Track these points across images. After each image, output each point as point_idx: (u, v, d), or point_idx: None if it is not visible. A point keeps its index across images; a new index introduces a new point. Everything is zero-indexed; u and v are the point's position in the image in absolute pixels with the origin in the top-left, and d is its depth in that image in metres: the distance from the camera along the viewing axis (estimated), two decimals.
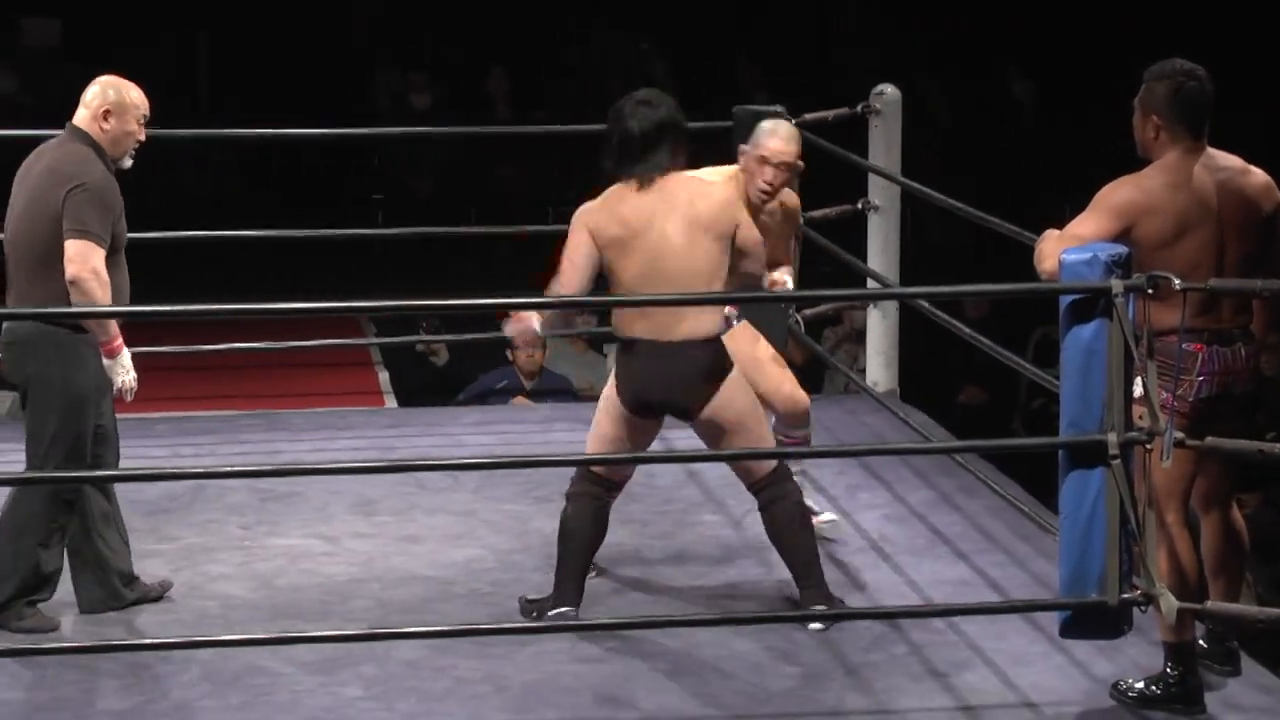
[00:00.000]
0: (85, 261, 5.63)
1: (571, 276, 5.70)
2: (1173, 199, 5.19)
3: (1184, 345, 5.16)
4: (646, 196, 5.69)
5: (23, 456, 5.86)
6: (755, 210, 6.15)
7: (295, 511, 7.00)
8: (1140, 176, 5.24)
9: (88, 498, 5.87)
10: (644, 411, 5.76)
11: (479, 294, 5.94)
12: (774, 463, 5.81)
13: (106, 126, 5.80)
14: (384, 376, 10.13)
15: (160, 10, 14.30)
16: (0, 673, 5.50)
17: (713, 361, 5.71)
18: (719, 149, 8.66)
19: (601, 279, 5.75)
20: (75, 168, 5.73)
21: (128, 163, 5.88)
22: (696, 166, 6.02)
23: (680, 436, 7.67)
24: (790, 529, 5.83)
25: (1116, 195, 5.21)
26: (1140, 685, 5.31)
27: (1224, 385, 5.24)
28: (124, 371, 5.74)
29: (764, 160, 6.24)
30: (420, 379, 10.21)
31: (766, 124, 6.37)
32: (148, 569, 6.29)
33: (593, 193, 5.82)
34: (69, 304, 5.64)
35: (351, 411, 8.78)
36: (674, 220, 5.65)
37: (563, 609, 5.77)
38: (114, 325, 5.69)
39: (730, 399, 5.73)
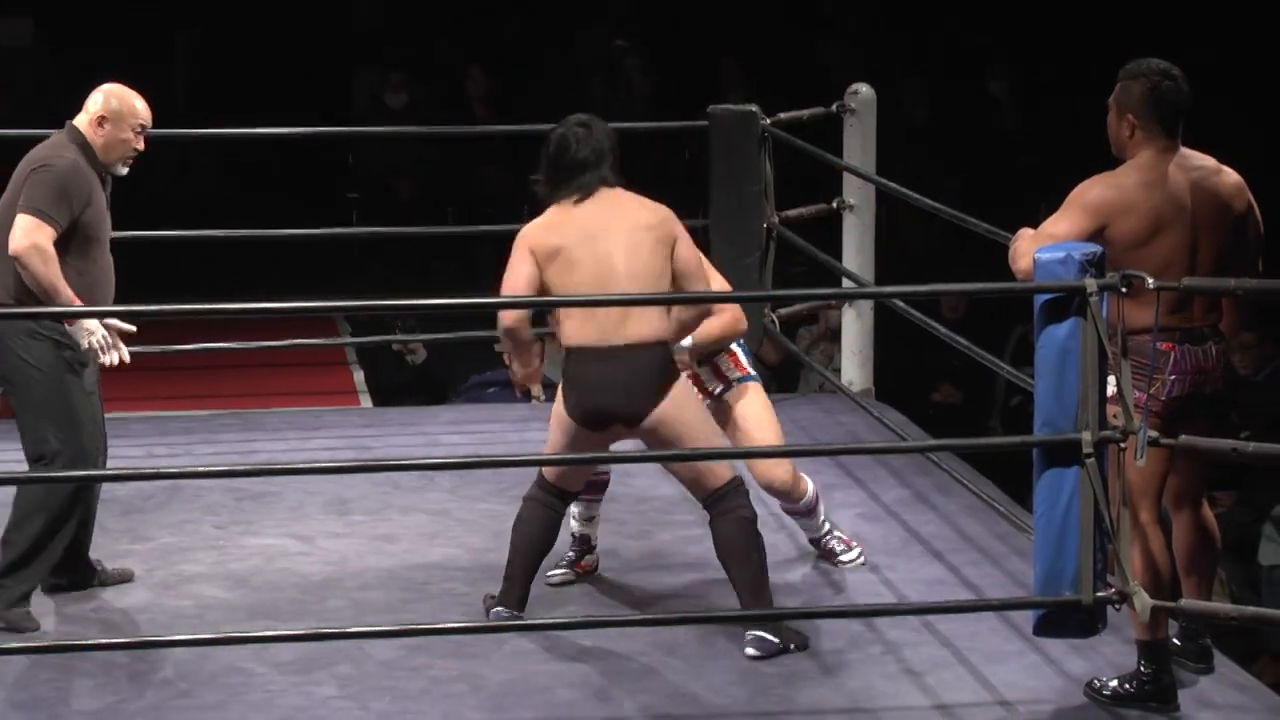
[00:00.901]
0: (29, 237, 5.66)
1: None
2: (1147, 198, 5.20)
3: (1156, 344, 5.17)
4: (587, 210, 5.67)
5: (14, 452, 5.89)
6: None
7: (270, 511, 7.00)
8: (1114, 175, 5.26)
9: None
10: (592, 423, 5.64)
11: (456, 294, 5.94)
12: (728, 476, 5.68)
13: (100, 131, 5.86)
14: (359, 376, 10.12)
15: (136, 9, 14.27)
16: None
17: (659, 365, 5.63)
18: (696, 148, 8.70)
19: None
20: (45, 151, 5.81)
21: (122, 170, 5.93)
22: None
23: None
24: (739, 548, 5.66)
25: (1090, 194, 5.22)
26: (1114, 683, 5.33)
27: (1195, 384, 5.26)
28: (87, 334, 5.77)
29: None
30: (397, 378, 10.21)
31: None
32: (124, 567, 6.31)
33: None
34: (17, 284, 5.70)
35: (327, 411, 8.77)
36: (617, 230, 5.63)
37: (499, 609, 5.79)
38: (65, 295, 5.66)
39: (679, 405, 5.64)
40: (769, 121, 8.11)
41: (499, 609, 5.79)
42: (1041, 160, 12.93)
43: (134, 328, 5.99)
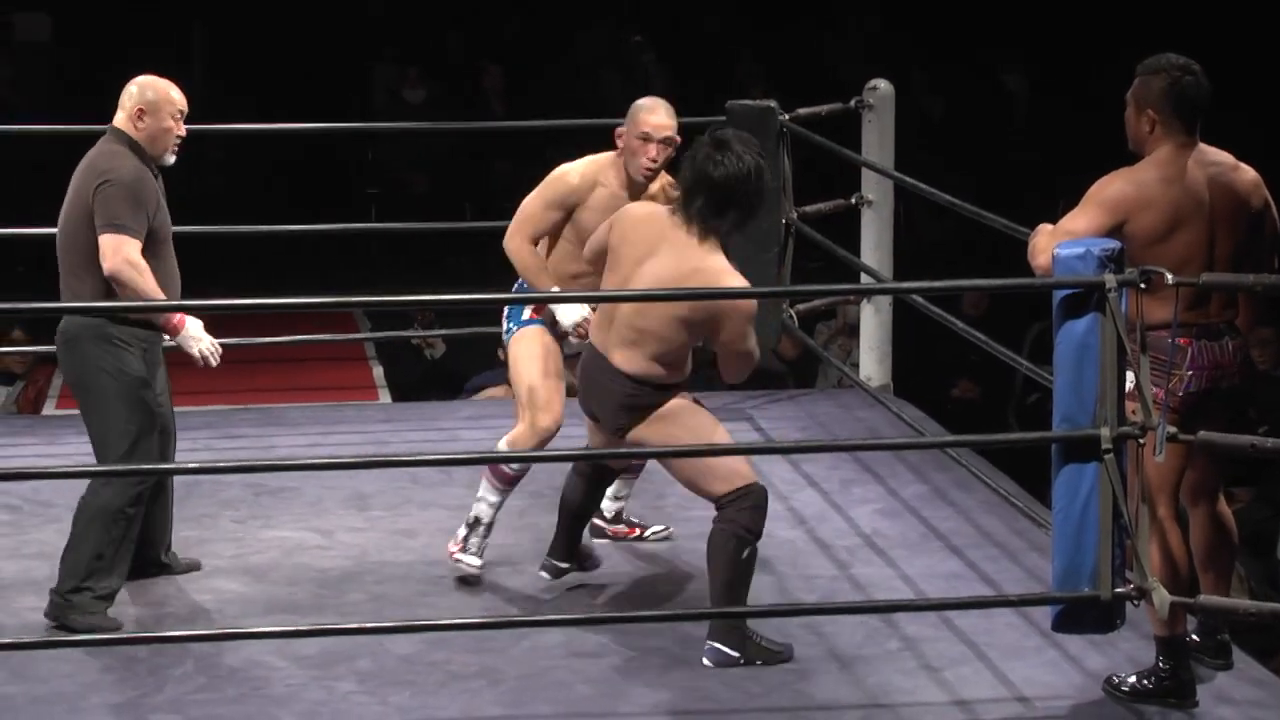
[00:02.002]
0: (119, 254, 5.68)
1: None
2: (1166, 193, 5.21)
3: (1174, 340, 5.18)
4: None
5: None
6: (639, 190, 6.17)
7: (290, 506, 7.02)
8: (1133, 171, 5.25)
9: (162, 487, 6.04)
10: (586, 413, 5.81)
11: (474, 289, 5.95)
12: (731, 485, 5.59)
13: (141, 125, 5.85)
14: (378, 371, 10.13)
15: (154, 4, 14.30)
16: None
17: (631, 398, 5.64)
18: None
19: None
20: (105, 162, 5.79)
21: (170, 159, 5.93)
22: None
23: None
24: (721, 554, 5.56)
25: (1110, 189, 5.22)
26: (1133, 679, 5.33)
27: (1212, 379, 5.26)
28: (195, 341, 5.83)
29: (646, 137, 6.17)
30: (415, 373, 10.22)
31: (644, 101, 6.29)
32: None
33: None
34: (110, 299, 5.73)
35: (346, 406, 8.79)
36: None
37: (546, 557, 6.03)
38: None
39: (664, 427, 5.64)
40: (787, 117, 8.11)
41: (547, 558, 6.02)
42: (1056, 156, 12.93)
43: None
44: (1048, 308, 5.18)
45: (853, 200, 8.38)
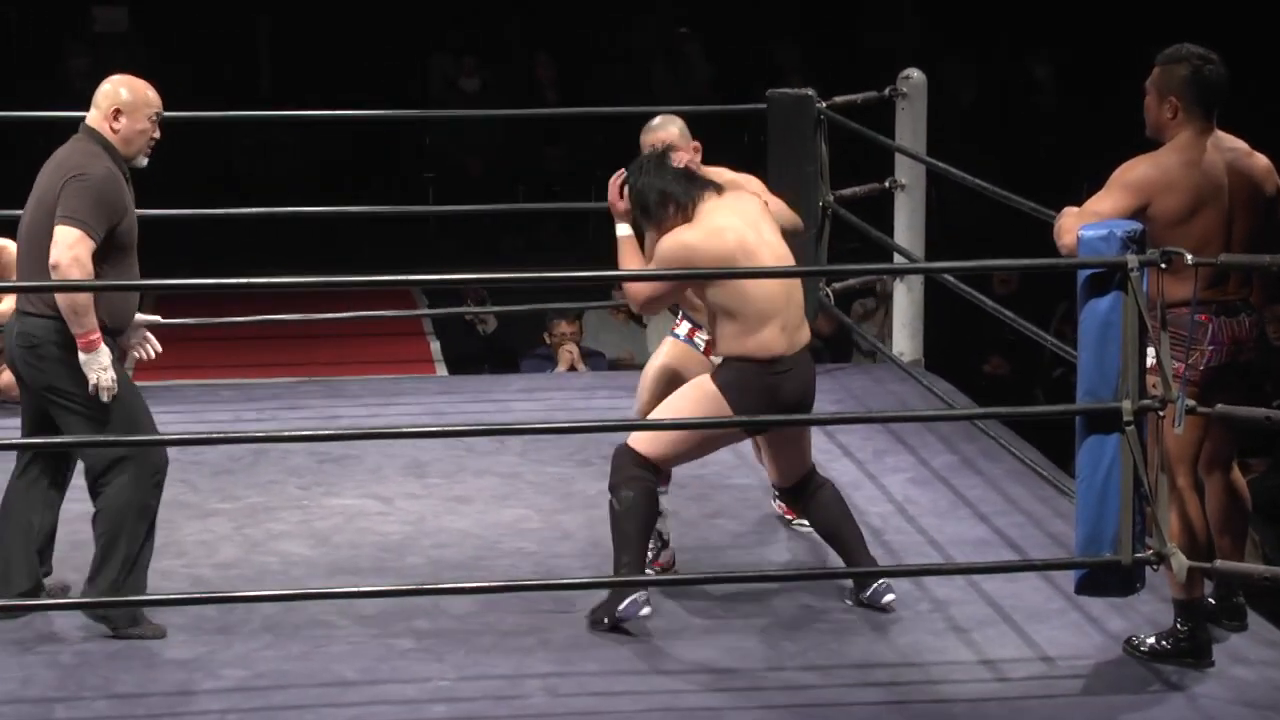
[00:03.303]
0: (70, 249, 5.26)
1: None
2: (1188, 177, 5.19)
3: (1194, 316, 5.16)
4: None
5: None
6: None
7: (351, 473, 7.04)
8: (1156, 155, 5.25)
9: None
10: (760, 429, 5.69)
11: (523, 268, 5.94)
12: (810, 464, 5.76)
13: (117, 126, 5.46)
14: (436, 346, 10.15)
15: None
16: (78, 625, 5.54)
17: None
18: (756, 131, 8.68)
19: None
20: (78, 159, 5.40)
21: (143, 161, 5.54)
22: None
23: None
24: (839, 512, 5.75)
25: (1134, 173, 5.21)
26: (1151, 640, 5.32)
27: (1231, 354, 5.25)
28: (99, 369, 5.32)
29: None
30: (469, 347, 10.25)
31: (646, 125, 6.13)
32: (211, 527, 6.35)
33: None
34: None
35: (404, 379, 8.80)
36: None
37: (636, 596, 5.47)
38: (92, 319, 5.29)
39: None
40: (824, 105, 8.09)
41: (636, 596, 5.46)
42: (1081, 142, 12.87)
43: (160, 319, 5.84)
44: (1074, 286, 5.17)
45: (886, 184, 8.36)
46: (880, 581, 5.65)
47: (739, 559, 6.15)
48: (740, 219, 5.55)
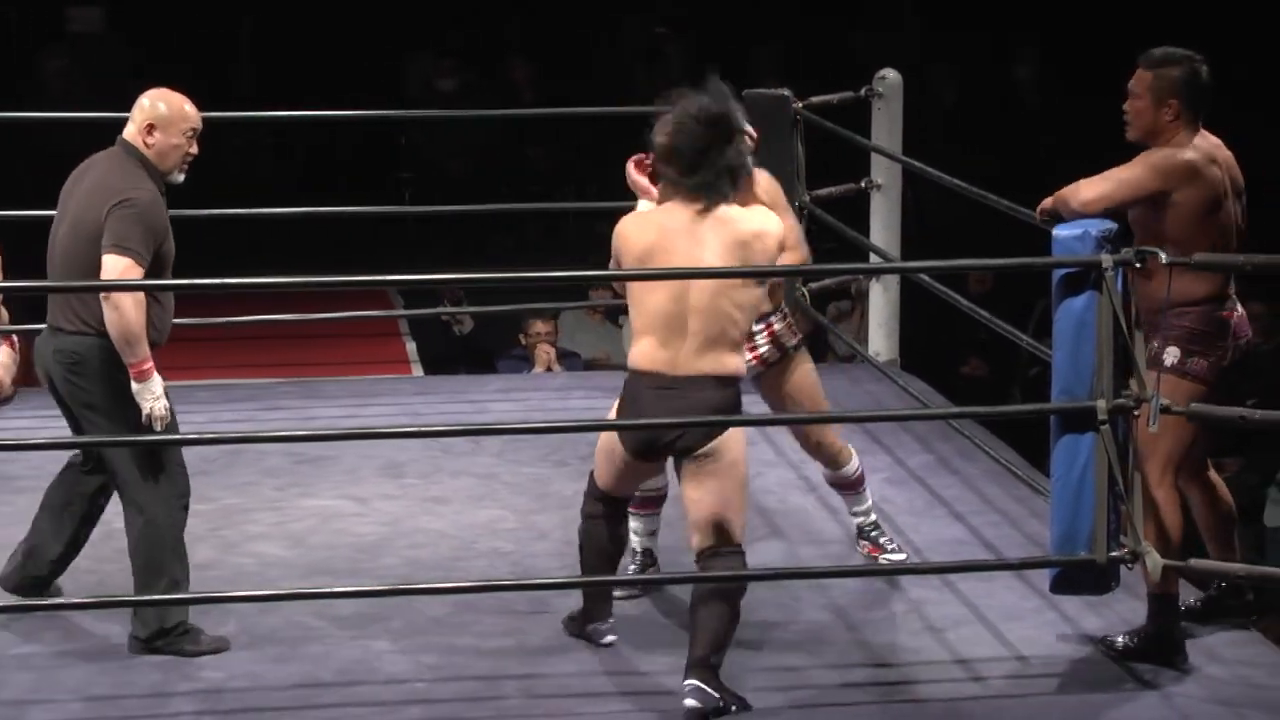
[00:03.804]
0: (122, 278, 5.20)
1: None
2: (1210, 170, 5.26)
3: (1218, 313, 5.21)
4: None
5: (51, 424, 5.78)
6: None
7: (327, 474, 7.03)
8: (1178, 148, 5.26)
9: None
10: (646, 454, 5.19)
11: (501, 269, 5.92)
12: (737, 535, 5.12)
13: (151, 141, 5.37)
14: (412, 347, 10.14)
15: None
16: (46, 624, 5.51)
17: (728, 402, 5.10)
18: None
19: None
20: (123, 183, 5.31)
21: (179, 177, 5.45)
22: None
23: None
24: (713, 604, 5.08)
25: (1159, 155, 5.24)
26: (1122, 639, 5.32)
27: (1247, 347, 5.35)
28: (152, 398, 5.26)
29: None
30: (445, 348, 10.24)
31: None
32: (186, 528, 6.30)
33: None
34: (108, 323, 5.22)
35: (381, 379, 8.80)
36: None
37: (597, 624, 5.42)
38: (144, 347, 5.24)
39: (731, 446, 5.10)
40: (801, 105, 8.09)
41: (596, 625, 5.41)
42: (1062, 142, 12.88)
43: None
44: (1050, 286, 5.17)
45: (863, 184, 8.36)
46: (689, 681, 5.03)
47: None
48: (680, 224, 5.11)
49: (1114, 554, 5.11)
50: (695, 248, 5.07)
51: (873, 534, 6.09)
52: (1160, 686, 5.19)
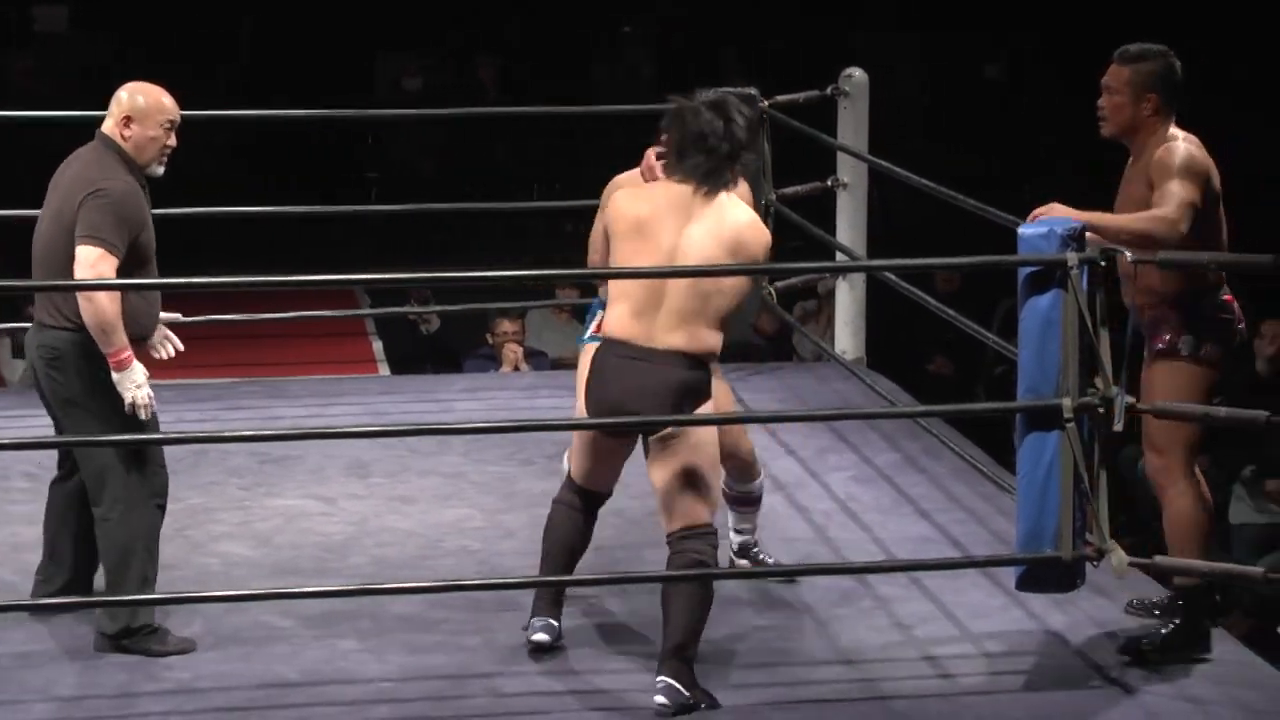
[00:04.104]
0: (94, 269, 5.18)
1: None
2: (1211, 161, 5.28)
3: (1224, 298, 5.26)
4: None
5: (36, 423, 5.80)
6: None
7: (293, 473, 7.01)
8: (1185, 141, 5.27)
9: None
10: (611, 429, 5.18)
11: (466, 268, 5.90)
12: (707, 515, 5.12)
13: (128, 133, 5.35)
14: (378, 346, 10.12)
15: None
16: (12, 624, 5.50)
17: (695, 380, 5.07)
18: None
19: None
20: (97, 173, 5.30)
21: (158, 170, 5.42)
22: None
23: None
24: (684, 590, 5.08)
25: (1187, 156, 5.23)
26: (1147, 641, 5.32)
27: (1245, 333, 5.42)
28: (134, 387, 5.23)
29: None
30: (412, 347, 10.23)
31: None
32: None
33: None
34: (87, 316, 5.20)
35: (347, 379, 8.78)
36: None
37: (534, 618, 5.36)
38: (121, 336, 5.21)
39: (698, 432, 5.10)
40: (767, 103, 8.10)
41: (532, 620, 5.35)
42: (1037, 140, 12.92)
43: (180, 316, 5.75)
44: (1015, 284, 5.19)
45: (829, 183, 8.37)
46: (661, 678, 5.02)
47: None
48: (668, 203, 5.11)
49: (1080, 552, 5.13)
50: (687, 225, 5.09)
51: (754, 551, 5.94)
52: (1127, 684, 5.20)
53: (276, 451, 7.17)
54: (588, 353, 5.56)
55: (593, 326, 5.75)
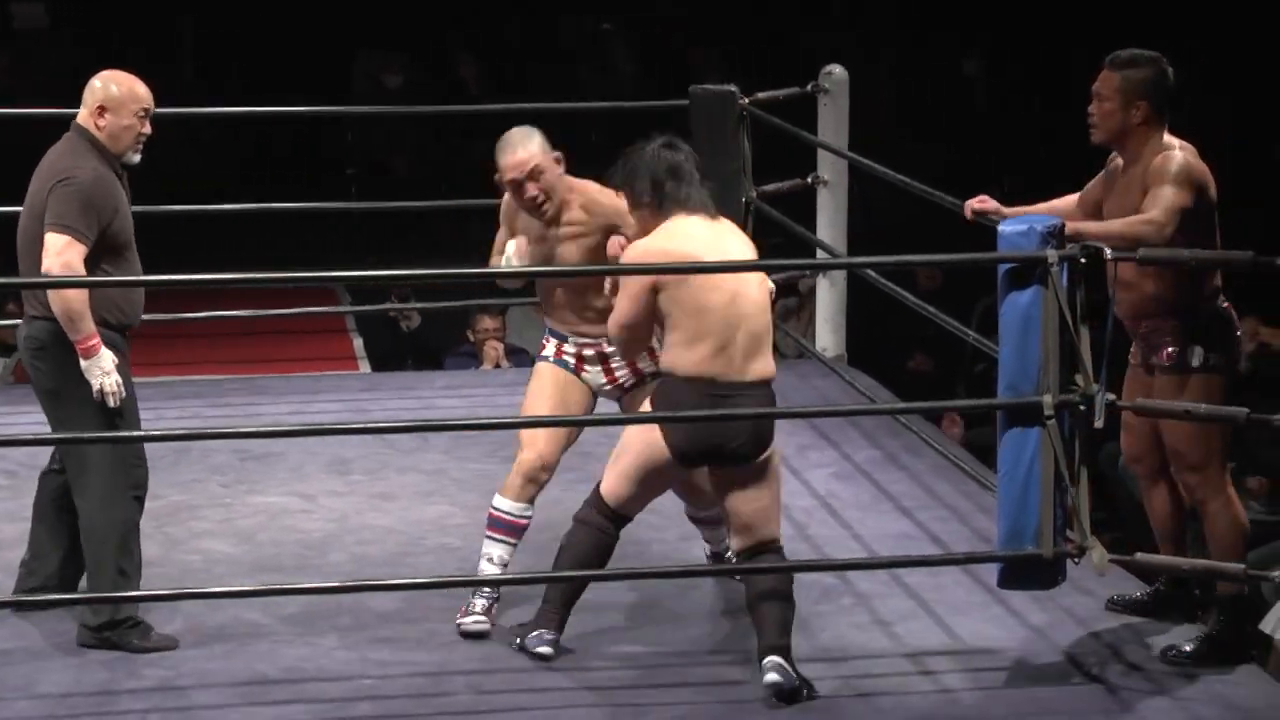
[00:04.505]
0: (59, 256, 5.16)
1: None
2: (1208, 172, 5.27)
3: (1224, 305, 5.28)
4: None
5: (17, 421, 5.79)
6: (549, 225, 5.59)
7: (274, 471, 7.00)
8: (1182, 149, 5.26)
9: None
10: (696, 460, 5.24)
11: (447, 265, 5.90)
12: (777, 532, 5.28)
13: (102, 123, 5.34)
14: (358, 343, 10.11)
15: None
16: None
17: (772, 406, 5.29)
18: (679, 128, 8.68)
19: None
20: (65, 162, 5.31)
21: (135, 158, 5.40)
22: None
23: None
24: (773, 596, 5.20)
25: (1182, 164, 5.22)
26: (1190, 645, 5.32)
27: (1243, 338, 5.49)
28: (101, 374, 5.23)
29: (507, 181, 5.61)
30: (392, 344, 10.21)
31: (501, 142, 5.66)
32: None
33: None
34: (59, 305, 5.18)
35: (327, 376, 8.77)
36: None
37: (539, 630, 5.30)
38: (89, 324, 5.19)
39: (776, 450, 5.30)
40: (747, 101, 8.10)
41: (540, 632, 5.30)
42: (1015, 139, 12.93)
43: None
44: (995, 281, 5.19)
45: (809, 180, 8.37)
46: (772, 658, 5.12)
47: (662, 553, 6.14)
48: (706, 234, 5.22)
49: (1061, 549, 5.14)
50: (724, 255, 5.19)
51: (728, 557, 5.75)
52: (1107, 680, 5.22)
53: (257, 449, 7.16)
54: (545, 372, 5.63)
55: (552, 350, 5.67)
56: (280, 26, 14.22)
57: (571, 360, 5.66)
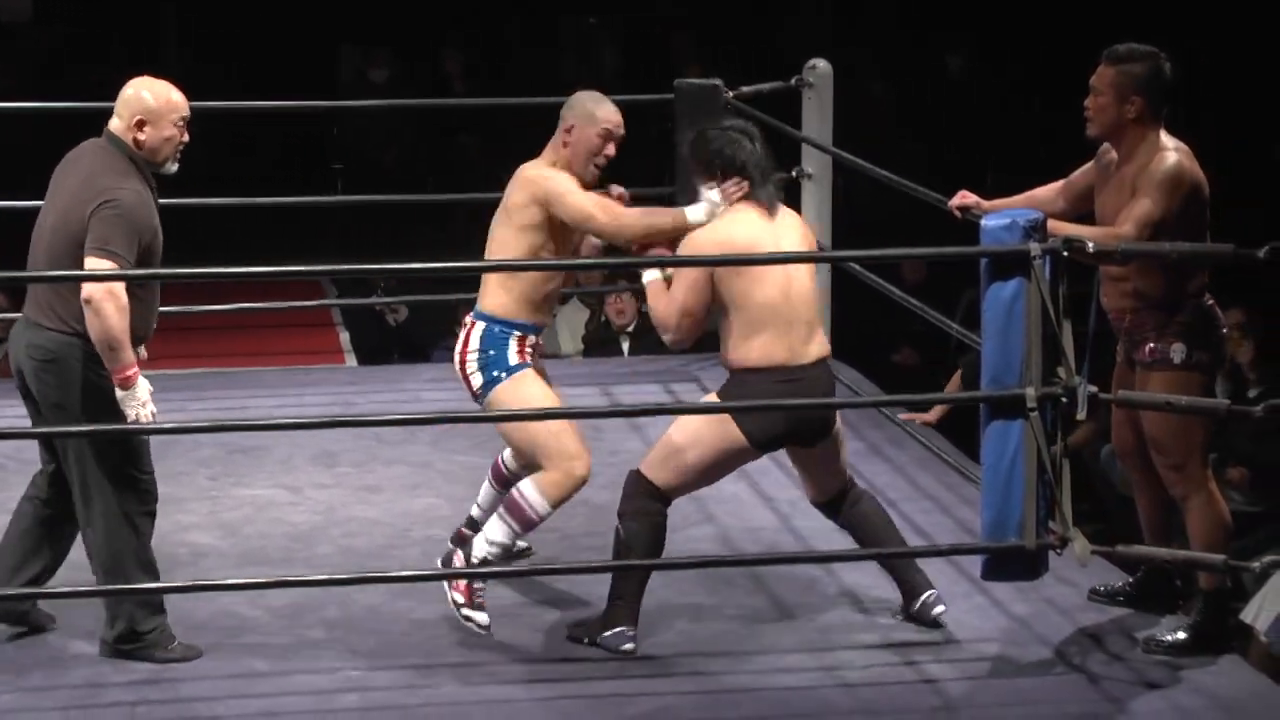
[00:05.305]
0: (105, 284, 4.99)
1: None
2: (1201, 173, 5.26)
3: (1209, 304, 5.28)
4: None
5: (7, 411, 5.78)
6: (589, 188, 5.57)
7: (261, 464, 7.02)
8: (1178, 152, 5.24)
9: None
10: (776, 445, 5.49)
11: (433, 258, 5.92)
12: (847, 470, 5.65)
13: (142, 137, 5.19)
14: (345, 336, 10.12)
15: None
16: None
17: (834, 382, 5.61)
18: (662, 121, 8.70)
19: None
20: (107, 181, 5.13)
21: (172, 168, 5.29)
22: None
23: (628, 391, 7.73)
24: (884, 520, 5.61)
25: (1175, 169, 5.20)
26: (1169, 637, 5.34)
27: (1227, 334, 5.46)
28: (138, 405, 5.07)
29: (608, 134, 5.56)
30: (379, 338, 10.22)
31: (588, 96, 5.63)
32: None
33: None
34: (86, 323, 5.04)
35: (314, 369, 8.78)
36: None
37: (620, 628, 5.33)
38: (128, 354, 5.05)
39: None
40: (731, 94, 8.11)
41: (620, 628, 5.31)
42: (1003, 133, 12.93)
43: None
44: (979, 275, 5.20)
45: (793, 174, 8.38)
46: (929, 593, 5.48)
47: None
48: (763, 225, 5.43)
49: (1043, 540, 5.16)
50: (779, 244, 5.43)
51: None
52: (1089, 670, 5.24)
53: (244, 442, 7.17)
54: (526, 379, 5.54)
55: (514, 354, 5.58)
56: (266, 21, 14.21)
57: (530, 356, 5.62)
